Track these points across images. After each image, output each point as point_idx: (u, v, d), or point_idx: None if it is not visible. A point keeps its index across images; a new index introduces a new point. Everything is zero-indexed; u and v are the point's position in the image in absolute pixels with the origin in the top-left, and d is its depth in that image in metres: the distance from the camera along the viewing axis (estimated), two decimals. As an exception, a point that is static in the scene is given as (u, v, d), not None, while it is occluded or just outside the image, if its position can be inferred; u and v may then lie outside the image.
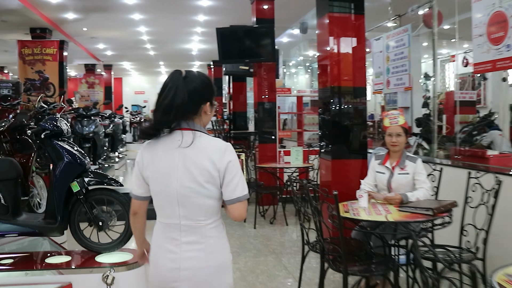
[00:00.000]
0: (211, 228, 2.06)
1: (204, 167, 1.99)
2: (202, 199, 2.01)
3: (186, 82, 2.01)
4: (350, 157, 5.00)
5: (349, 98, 5.01)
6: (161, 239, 2.11)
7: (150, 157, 2.08)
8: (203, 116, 2.09)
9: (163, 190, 2.05)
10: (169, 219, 2.07)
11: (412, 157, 3.95)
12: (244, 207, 2.07)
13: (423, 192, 3.77)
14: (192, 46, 14.72)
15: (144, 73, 24.32)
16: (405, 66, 6.03)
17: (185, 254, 2.04)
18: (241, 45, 7.77)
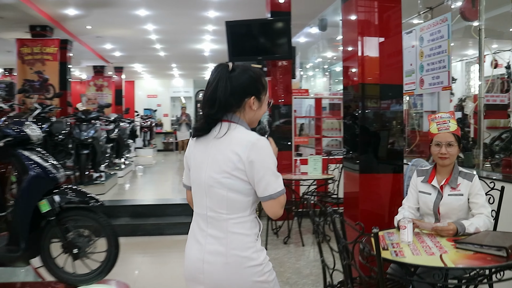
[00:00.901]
0: (234, 223, 2.03)
1: (229, 158, 2.00)
2: (225, 191, 2.01)
3: (231, 76, 2.04)
4: (382, 170, 4.11)
5: (382, 98, 4.12)
6: (194, 229, 2.14)
7: (193, 147, 2.16)
8: (248, 111, 2.10)
9: (195, 179, 2.12)
10: (199, 209, 2.11)
11: (466, 174, 3.08)
12: (277, 205, 2.04)
13: (483, 219, 2.90)
14: (203, 46, 13.92)
15: (156, 76, 23.60)
16: (444, 62, 5.14)
17: (209, 246, 2.04)
18: (254, 41, 6.90)
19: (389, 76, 4.14)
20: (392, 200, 4.14)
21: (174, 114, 24.27)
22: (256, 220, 2.10)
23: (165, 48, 14.38)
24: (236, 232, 2.02)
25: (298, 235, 6.20)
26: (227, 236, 2.01)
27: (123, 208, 7.60)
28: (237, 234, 2.02)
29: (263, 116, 2.48)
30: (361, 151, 4.09)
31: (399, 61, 4.32)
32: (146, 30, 11.54)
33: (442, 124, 3.11)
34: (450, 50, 5.04)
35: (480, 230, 2.84)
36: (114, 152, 11.51)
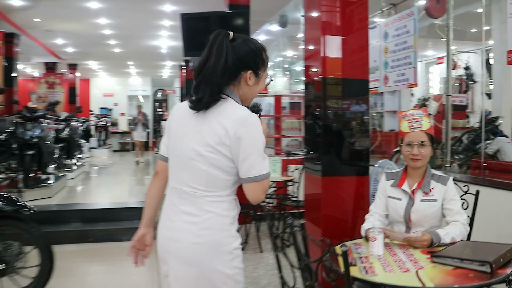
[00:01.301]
0: (210, 201, 1.91)
1: (215, 130, 1.88)
2: (206, 166, 1.90)
3: (234, 46, 1.93)
4: (345, 173, 3.79)
5: (346, 95, 3.81)
6: (167, 204, 2.02)
7: (177, 116, 2.05)
8: (243, 85, 1.99)
9: (174, 149, 2.01)
10: (175, 183, 2.00)
11: (440, 177, 2.79)
12: (260, 189, 1.92)
13: (459, 228, 2.62)
14: (160, 43, 13.44)
15: (113, 74, 22.88)
16: (409, 58, 4.89)
17: (179, 224, 1.93)
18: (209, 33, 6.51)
19: (354, 71, 3.83)
20: (356, 204, 3.85)
21: (131, 114, 23.67)
22: (235, 202, 1.99)
23: (120, 44, 13.82)
24: (211, 211, 1.90)
25: (256, 240, 5.85)
26: (201, 214, 1.90)
27: (71, 212, 7.06)
28: (212, 213, 1.90)
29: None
30: (323, 152, 3.76)
31: (365, 56, 4.02)
32: (98, 24, 11.00)
33: (414, 122, 2.81)
34: (416, 45, 4.79)
35: (457, 240, 2.55)
36: (64, 153, 10.90)
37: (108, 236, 6.49)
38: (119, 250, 6.13)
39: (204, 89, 1.89)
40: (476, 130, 7.90)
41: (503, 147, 6.62)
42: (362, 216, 3.89)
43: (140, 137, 14.76)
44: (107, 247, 6.24)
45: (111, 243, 6.37)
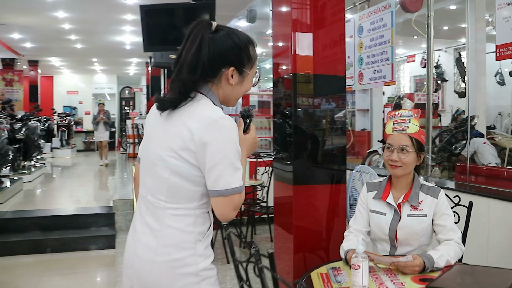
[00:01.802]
0: (171, 215, 1.67)
1: (179, 133, 1.64)
2: (167, 173, 1.66)
3: (214, 38, 1.68)
4: (320, 180, 3.40)
5: (320, 91, 3.41)
6: (136, 211, 1.82)
7: (150, 115, 1.83)
8: (224, 84, 1.73)
9: (143, 153, 1.83)
10: (142, 190, 1.80)
11: (430, 188, 2.42)
12: (228, 205, 1.62)
13: (454, 248, 2.25)
14: (124, 38, 12.85)
15: (77, 72, 22.11)
16: (387, 54, 4.54)
17: (142, 236, 1.71)
18: (173, 29, 6.03)
19: (328, 67, 3.44)
20: (331, 213, 3.48)
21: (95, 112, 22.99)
22: (205, 216, 1.73)
23: (82, 40, 13.18)
24: (171, 226, 1.67)
25: (222, 249, 5.44)
26: (161, 228, 1.68)
27: (26, 220, 6.57)
28: (173, 229, 1.67)
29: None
30: (294, 156, 3.36)
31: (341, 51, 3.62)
32: (57, 18, 10.37)
33: (400, 123, 2.44)
34: (394, 40, 4.43)
35: (452, 262, 2.18)
36: (21, 154, 10.28)
37: (67, 246, 6.04)
38: (79, 261, 5.67)
39: (173, 87, 1.70)
40: (451, 130, 7.65)
41: (480, 149, 6.35)
42: (338, 226, 3.54)
43: (102, 137, 13.71)
44: (65, 257, 5.78)
45: (70, 253, 5.94)
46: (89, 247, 6.09)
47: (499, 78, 11.19)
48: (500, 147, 7.16)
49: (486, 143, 6.41)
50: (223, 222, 1.69)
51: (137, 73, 22.04)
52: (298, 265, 3.46)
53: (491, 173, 3.97)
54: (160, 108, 1.71)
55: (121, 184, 8.99)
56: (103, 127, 13.59)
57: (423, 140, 2.45)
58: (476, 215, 2.74)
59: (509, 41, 3.20)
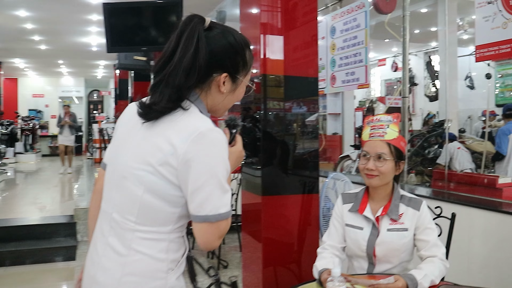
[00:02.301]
0: (141, 238, 1.41)
1: (159, 146, 1.39)
2: (141, 190, 1.40)
3: (208, 37, 1.45)
4: (291, 190, 3.18)
5: (292, 95, 3.19)
6: (97, 228, 1.54)
7: (124, 118, 1.58)
8: (213, 92, 1.50)
9: (111, 161, 1.56)
10: (106, 205, 1.53)
11: (411, 200, 2.22)
12: (214, 232, 1.39)
13: (438, 266, 2.05)
14: (90, 40, 12.47)
15: (43, 74, 21.49)
16: (360, 56, 4.36)
17: (104, 260, 1.45)
18: (138, 28, 5.73)
19: (300, 68, 3.22)
20: (304, 225, 3.26)
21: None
22: (180, 241, 1.49)
23: (46, 40, 12.74)
24: (141, 252, 1.42)
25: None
26: (128, 253, 1.42)
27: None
28: (143, 255, 1.42)
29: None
30: (263, 163, 3.12)
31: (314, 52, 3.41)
32: (18, 17, 9.95)
33: (378, 129, 2.23)
34: (368, 41, 4.25)
35: (436, 282, 1.98)
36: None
37: (24, 258, 5.69)
38: (36, 275, 5.33)
39: (163, 92, 1.43)
40: (424, 134, 7.56)
41: (455, 154, 6.25)
42: (311, 238, 3.32)
43: (66, 141, 12.85)
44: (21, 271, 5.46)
45: (27, 266, 5.60)
46: (48, 259, 5.75)
47: (468, 82, 11.24)
48: (471, 150, 7.11)
49: (460, 148, 6.32)
50: (206, 250, 1.46)
51: (105, 76, 21.57)
52: (268, 279, 3.24)
53: (470, 180, 3.82)
54: (145, 117, 1.45)
55: (85, 192, 8.63)
56: (68, 130, 12.76)
57: (402, 148, 2.24)
58: (457, 225, 2.56)
59: (489, 41, 3.05)
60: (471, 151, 7.06)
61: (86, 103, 23.48)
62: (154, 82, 1.48)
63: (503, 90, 11.36)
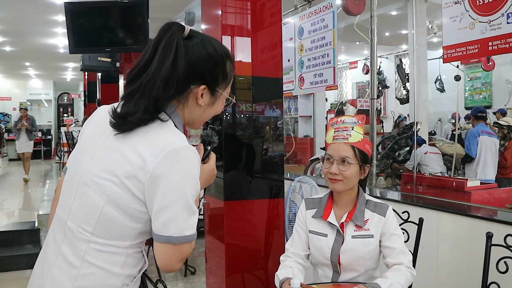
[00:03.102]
0: (97, 251, 1.32)
1: (127, 158, 1.30)
2: (102, 201, 1.31)
3: (188, 46, 1.37)
4: (256, 194, 3.07)
5: (255, 96, 3.07)
6: (48, 237, 1.44)
7: (93, 121, 1.49)
8: (191, 104, 1.42)
9: (72, 165, 1.45)
10: (61, 211, 1.42)
11: (377, 205, 2.13)
12: (175, 255, 1.31)
13: (404, 274, 1.96)
14: (57, 41, 12.16)
15: (9, 76, 21.00)
16: (328, 57, 4.28)
17: (54, 271, 1.35)
18: (101, 28, 5.57)
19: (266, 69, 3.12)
20: (270, 230, 3.16)
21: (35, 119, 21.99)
22: (138, 256, 1.40)
23: (11, 42, 12.40)
24: (95, 265, 1.32)
25: (154, 267, 5.02)
26: (81, 265, 1.32)
27: None
28: (96, 268, 1.32)
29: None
30: (225, 167, 3.00)
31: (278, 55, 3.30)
32: (-21, 17, 9.68)
33: (342, 131, 2.14)
34: (336, 42, 4.18)
35: (402, 292, 1.89)
36: None
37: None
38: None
39: (138, 102, 1.34)
40: (394, 136, 7.54)
41: (423, 160, 6.23)
42: (277, 244, 3.22)
43: (24, 148, 11.69)
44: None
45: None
46: (10, 268, 5.53)
47: (438, 85, 11.32)
48: (442, 153, 7.12)
49: (428, 153, 6.29)
50: (164, 271, 1.36)
51: (75, 79, 21.20)
52: (233, 286, 3.12)
53: (439, 183, 3.77)
54: (119, 128, 1.34)
55: (50, 197, 8.37)
56: (25, 136, 11.66)
57: (368, 151, 2.15)
58: (425, 230, 2.49)
59: (456, 42, 2.99)
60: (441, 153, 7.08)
61: (55, 106, 23.05)
62: (129, 91, 1.38)
63: (472, 93, 11.48)
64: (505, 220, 2.72)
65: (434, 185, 3.78)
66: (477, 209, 3.10)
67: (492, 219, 2.80)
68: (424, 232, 2.50)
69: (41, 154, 19.94)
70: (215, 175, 1.55)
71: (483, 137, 5.79)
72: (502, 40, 2.70)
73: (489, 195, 3.47)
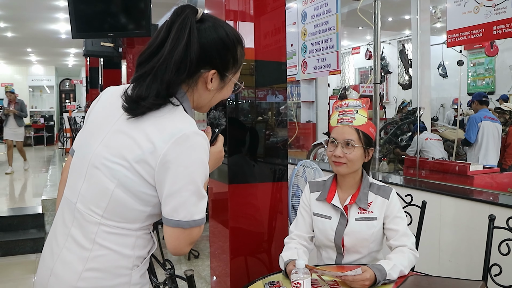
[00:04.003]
0: (107, 233, 1.33)
1: (138, 142, 1.30)
2: (113, 184, 1.31)
3: (200, 30, 1.36)
4: (260, 178, 3.08)
5: (260, 81, 3.08)
6: (57, 220, 1.44)
7: (103, 102, 1.48)
8: (200, 88, 1.41)
9: (82, 147, 1.44)
10: (70, 193, 1.41)
11: (380, 188, 2.14)
12: (185, 239, 1.33)
13: (408, 256, 1.98)
14: (58, 27, 12.13)
15: (11, 62, 20.96)
16: (332, 41, 4.27)
17: (65, 253, 1.36)
18: (103, 13, 5.54)
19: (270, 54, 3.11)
20: (273, 214, 3.17)
21: (34, 105, 22.00)
22: (148, 237, 1.42)
23: (12, 28, 12.37)
24: (106, 247, 1.34)
25: (158, 251, 5.06)
26: (92, 248, 1.34)
27: None
28: (108, 250, 1.34)
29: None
30: (229, 151, 3.01)
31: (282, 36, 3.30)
32: (-20, 2, 9.65)
33: (346, 114, 2.14)
34: (339, 26, 4.17)
35: (405, 272, 1.91)
36: None
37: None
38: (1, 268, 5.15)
39: (150, 86, 1.33)
40: (397, 122, 7.55)
41: (424, 146, 6.22)
42: (281, 227, 3.24)
43: (12, 136, 10.81)
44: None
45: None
46: (15, 252, 5.59)
47: (441, 71, 11.28)
48: (444, 138, 7.12)
49: (428, 139, 6.27)
50: (174, 255, 1.39)
51: (77, 64, 21.16)
52: (237, 269, 3.15)
53: (441, 167, 3.78)
54: (132, 112, 1.34)
55: (55, 182, 8.41)
56: (14, 122, 10.75)
57: (372, 134, 2.16)
58: (428, 213, 2.51)
59: (460, 26, 2.99)
60: (443, 139, 7.07)
61: (57, 92, 23.03)
62: (140, 73, 1.38)
63: (475, 78, 11.44)
64: (507, 204, 2.73)
65: (436, 170, 3.79)
66: (480, 193, 3.12)
67: (494, 203, 2.81)
68: (427, 215, 2.52)
69: (43, 140, 19.97)
70: (222, 158, 1.56)
71: (486, 122, 5.77)
72: (506, 24, 2.69)
73: (491, 180, 3.48)
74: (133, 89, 1.37)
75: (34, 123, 20.82)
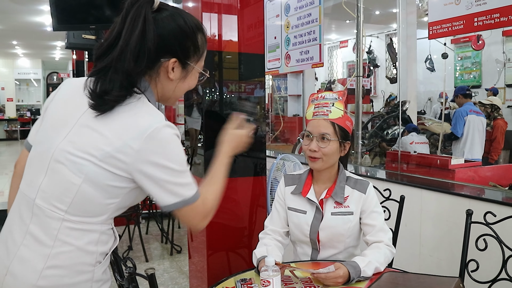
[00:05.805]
0: (70, 229, 1.30)
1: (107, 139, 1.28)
2: (80, 179, 1.29)
3: (157, 19, 1.34)
4: (238, 172, 3.03)
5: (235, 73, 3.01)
6: (13, 213, 1.39)
7: (63, 95, 1.44)
8: (163, 79, 1.40)
9: (42, 142, 1.39)
10: (28, 189, 1.36)
11: (357, 181, 2.09)
12: (193, 216, 1.40)
13: (384, 252, 1.94)
14: (43, 19, 11.99)
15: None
16: (314, 34, 4.21)
17: (23, 250, 1.31)
18: (85, 5, 5.43)
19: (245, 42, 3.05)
20: (254, 208, 3.13)
21: (20, 98, 21.81)
22: (110, 232, 1.41)
23: (-4, 19, 12.23)
24: (69, 243, 1.30)
25: (141, 246, 5.00)
26: (54, 244, 1.30)
27: None
28: (71, 246, 1.30)
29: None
30: (205, 146, 2.96)
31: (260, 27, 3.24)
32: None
33: (322, 107, 2.09)
34: (322, 19, 4.11)
35: (381, 269, 1.87)
36: None
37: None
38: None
39: (113, 79, 1.31)
40: (383, 115, 7.52)
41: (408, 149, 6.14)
42: (262, 220, 3.19)
43: None
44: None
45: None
46: None
47: (428, 64, 11.27)
48: (430, 132, 7.10)
49: (413, 143, 6.15)
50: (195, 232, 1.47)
51: (63, 58, 20.94)
52: (216, 265, 3.10)
53: (423, 161, 3.75)
54: (99, 109, 1.31)
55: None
56: None
57: (348, 128, 2.10)
58: (408, 207, 2.47)
59: (442, 18, 2.95)
60: (429, 132, 7.04)
61: (44, 85, 22.81)
62: (100, 67, 1.35)
63: (462, 72, 11.45)
64: (487, 198, 2.70)
65: (418, 163, 3.76)
66: (461, 187, 3.09)
67: (474, 197, 2.78)
68: (408, 209, 2.48)
69: (30, 134, 19.81)
70: (246, 144, 1.71)
71: (471, 116, 5.73)
72: (487, 15, 2.66)
73: (473, 173, 3.46)
74: (95, 84, 1.33)
75: (21, 116, 20.65)
